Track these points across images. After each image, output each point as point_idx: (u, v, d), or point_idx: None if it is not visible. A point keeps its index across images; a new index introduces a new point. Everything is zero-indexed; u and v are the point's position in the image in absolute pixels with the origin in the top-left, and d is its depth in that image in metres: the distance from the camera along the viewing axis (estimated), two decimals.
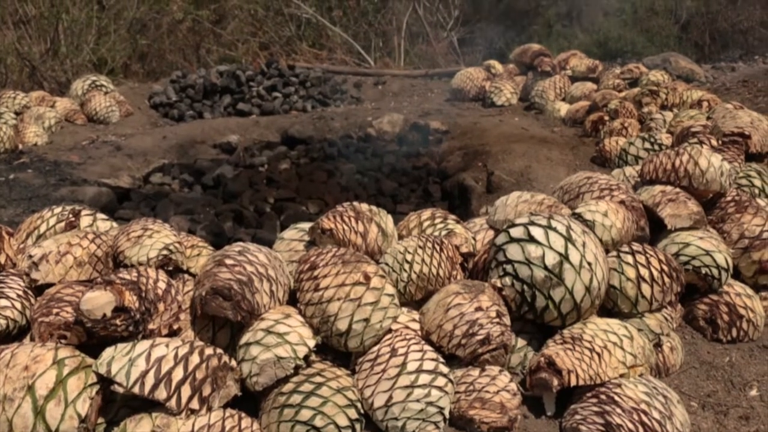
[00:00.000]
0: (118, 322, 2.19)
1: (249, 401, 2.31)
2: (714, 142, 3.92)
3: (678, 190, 3.27)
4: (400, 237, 3.02)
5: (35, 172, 5.06)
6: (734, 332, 3.00)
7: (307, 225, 2.89)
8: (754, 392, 2.73)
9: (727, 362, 2.90)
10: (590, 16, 13.62)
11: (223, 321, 2.39)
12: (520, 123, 6.19)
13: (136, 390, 2.03)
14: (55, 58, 9.38)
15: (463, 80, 7.70)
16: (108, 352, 2.11)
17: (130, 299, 2.23)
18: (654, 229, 3.16)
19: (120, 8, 11.49)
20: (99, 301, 2.16)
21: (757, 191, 3.60)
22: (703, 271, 3.00)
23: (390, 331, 2.50)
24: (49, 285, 2.48)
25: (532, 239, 2.63)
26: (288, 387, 2.27)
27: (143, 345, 2.14)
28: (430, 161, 5.88)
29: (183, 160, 6.03)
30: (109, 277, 2.33)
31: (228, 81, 8.01)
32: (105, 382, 2.10)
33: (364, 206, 2.94)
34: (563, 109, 6.35)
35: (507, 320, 2.57)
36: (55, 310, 2.27)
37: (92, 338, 2.24)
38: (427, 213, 3.14)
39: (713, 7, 11.62)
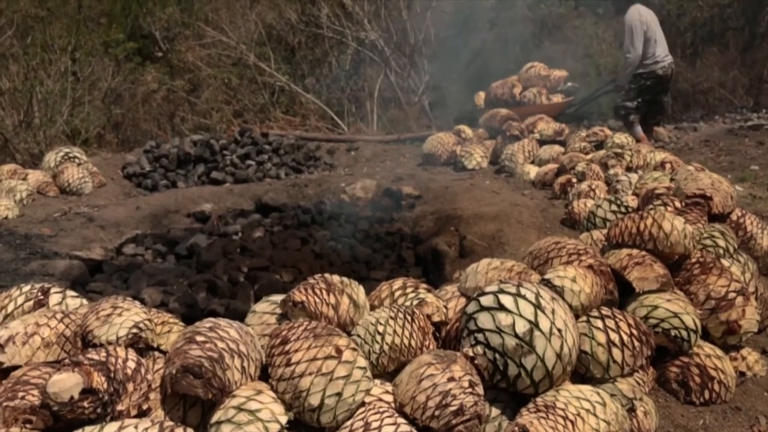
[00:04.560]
0: (85, 404, 2.16)
1: None
2: (678, 204, 4.01)
3: (644, 253, 3.33)
4: (372, 307, 3.03)
5: (5, 246, 5.00)
6: (707, 394, 3.02)
7: (279, 297, 2.89)
8: None
9: (701, 425, 2.91)
10: None
11: (194, 399, 2.36)
12: (491, 186, 6.29)
13: None
14: (28, 130, 9.40)
15: (435, 145, 7.83)
16: None
17: (99, 380, 2.20)
18: (622, 292, 3.21)
19: (95, 79, 11.62)
20: (66, 384, 2.14)
21: (721, 251, 3.67)
22: (673, 334, 3.04)
23: (363, 404, 2.49)
24: (16, 367, 2.44)
25: (502, 307, 2.66)
26: None
27: (111, 427, 2.10)
28: (403, 226, 5.92)
29: (156, 230, 6.01)
30: (77, 357, 2.31)
31: (202, 150, 8.08)
32: None
33: (336, 278, 2.95)
34: (533, 172, 6.47)
35: (480, 390, 2.57)
36: (20, 394, 2.23)
37: (59, 422, 2.19)
38: (398, 282, 3.16)
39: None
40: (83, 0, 14.71)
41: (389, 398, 2.58)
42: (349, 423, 2.42)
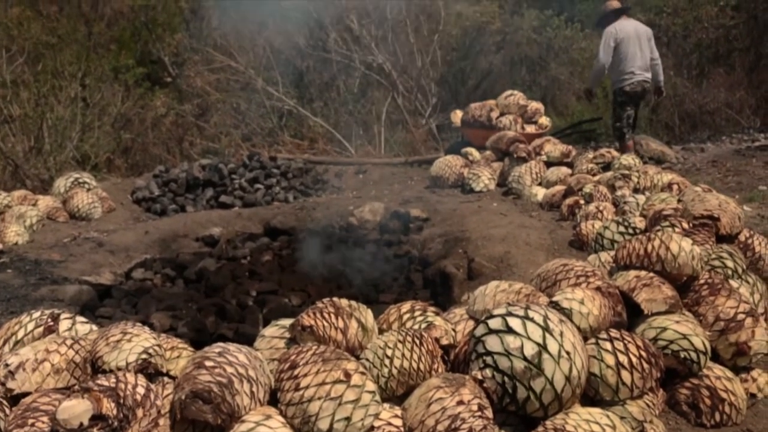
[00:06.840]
0: (95, 430, 2.17)
1: None
2: (685, 225, 4.01)
3: (652, 274, 3.33)
4: (381, 331, 3.03)
5: (15, 272, 5.04)
6: (717, 416, 2.99)
7: (287, 321, 2.90)
8: None
9: None
10: (563, 100, 14.09)
11: (203, 425, 2.36)
12: (498, 208, 6.30)
13: None
14: (38, 156, 9.48)
15: (442, 168, 7.87)
16: None
17: (108, 406, 2.21)
18: (631, 314, 3.19)
19: (105, 104, 11.73)
20: (76, 410, 2.15)
21: (730, 272, 3.66)
22: (682, 355, 3.02)
23: (372, 428, 2.48)
24: (26, 394, 2.45)
25: (510, 330, 2.66)
26: None
27: None
28: (411, 249, 5.93)
29: (165, 255, 6.04)
30: (87, 384, 2.32)
31: (210, 174, 8.13)
32: None
33: (344, 301, 2.96)
34: (540, 193, 6.48)
35: (489, 413, 2.56)
36: (30, 421, 2.24)
37: None
38: (406, 306, 3.16)
39: (680, 90, 12.08)
40: (93, 27, 14.91)
41: (398, 422, 2.57)
42: None
